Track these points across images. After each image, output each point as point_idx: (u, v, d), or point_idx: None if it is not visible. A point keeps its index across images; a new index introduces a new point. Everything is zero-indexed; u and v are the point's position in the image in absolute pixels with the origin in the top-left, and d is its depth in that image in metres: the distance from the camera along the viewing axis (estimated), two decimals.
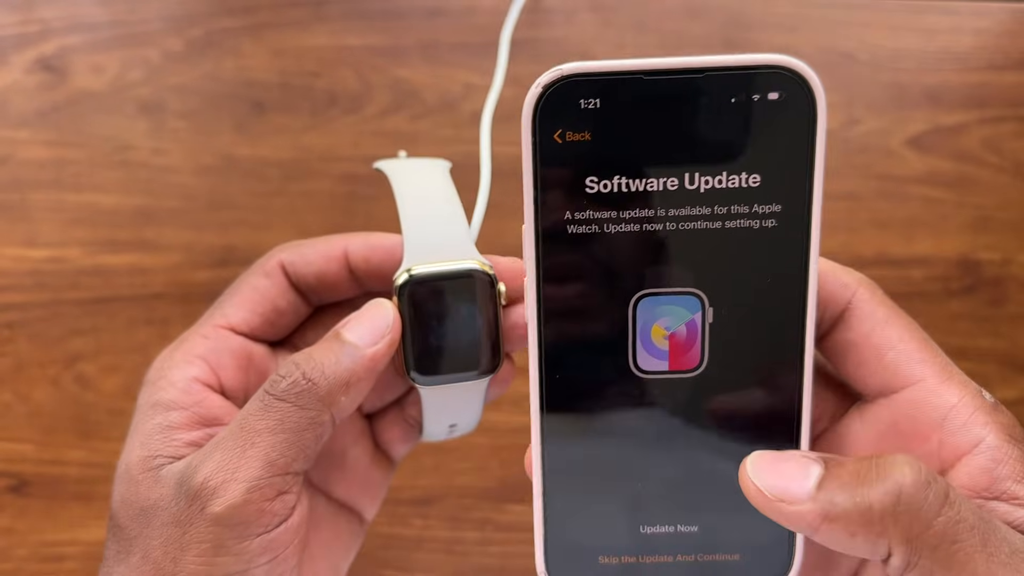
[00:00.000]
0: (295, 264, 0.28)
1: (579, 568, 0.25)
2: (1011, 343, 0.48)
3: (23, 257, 0.47)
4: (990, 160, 0.48)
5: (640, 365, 0.24)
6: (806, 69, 0.22)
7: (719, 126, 0.22)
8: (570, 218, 0.23)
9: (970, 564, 0.20)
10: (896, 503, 0.20)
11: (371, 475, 0.31)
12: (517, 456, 0.48)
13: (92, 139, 0.47)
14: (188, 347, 0.28)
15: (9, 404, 0.48)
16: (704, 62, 0.21)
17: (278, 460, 0.24)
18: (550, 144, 0.23)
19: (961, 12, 0.48)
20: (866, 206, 0.47)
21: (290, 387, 0.25)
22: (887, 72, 0.48)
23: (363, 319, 0.26)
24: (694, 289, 0.23)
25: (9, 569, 0.48)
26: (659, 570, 0.25)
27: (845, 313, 0.25)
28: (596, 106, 0.22)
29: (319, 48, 0.47)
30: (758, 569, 0.25)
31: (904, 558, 0.20)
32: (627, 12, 0.48)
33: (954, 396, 0.23)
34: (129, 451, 0.26)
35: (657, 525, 0.25)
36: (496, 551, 0.48)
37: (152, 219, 0.47)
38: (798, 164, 0.22)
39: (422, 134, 0.47)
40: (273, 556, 0.25)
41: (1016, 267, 0.48)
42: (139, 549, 0.25)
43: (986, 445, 0.22)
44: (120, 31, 0.47)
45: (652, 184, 0.22)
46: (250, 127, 0.47)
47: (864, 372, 0.24)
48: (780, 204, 0.22)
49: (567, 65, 0.22)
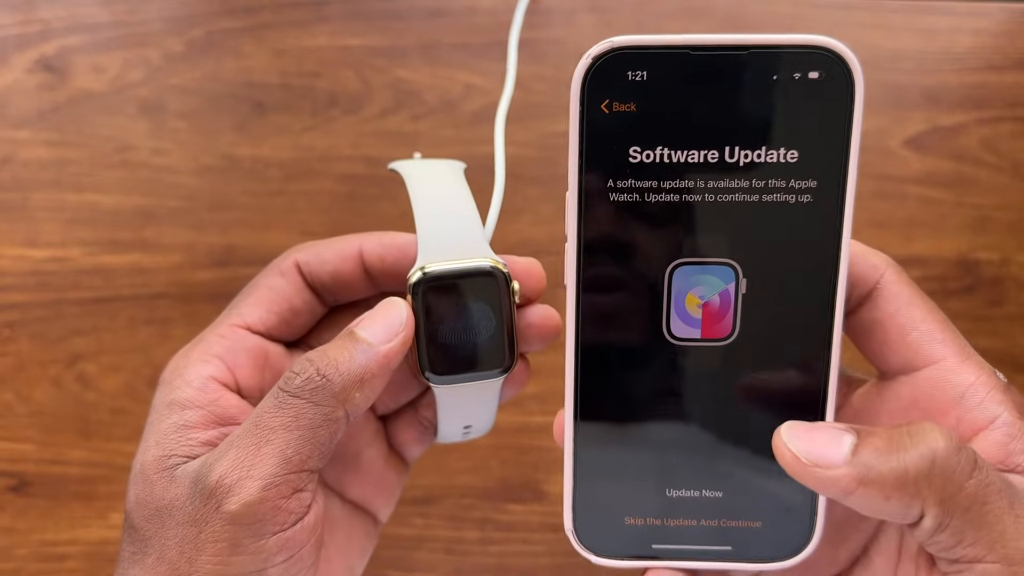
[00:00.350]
0: (310, 264, 0.28)
1: (605, 528, 0.26)
2: (1010, 343, 0.48)
3: (24, 257, 0.47)
4: (989, 160, 0.48)
5: (673, 332, 0.25)
6: (846, 51, 0.22)
7: (760, 102, 0.23)
8: (612, 186, 0.24)
9: (999, 524, 0.21)
10: (931, 467, 0.21)
11: (385, 476, 0.31)
12: (517, 456, 0.48)
13: (93, 139, 0.47)
14: (205, 346, 0.28)
15: (10, 404, 0.48)
16: (749, 40, 0.22)
17: (293, 457, 0.24)
18: (597, 113, 0.23)
19: (960, 13, 0.48)
20: (865, 206, 0.47)
21: (304, 383, 0.25)
22: (886, 72, 0.48)
23: (377, 317, 0.26)
24: (729, 260, 0.24)
25: (10, 569, 0.48)
26: (682, 533, 0.26)
27: (872, 293, 0.25)
28: (643, 78, 0.23)
29: (320, 48, 0.48)
30: (779, 538, 0.26)
31: (937, 519, 0.21)
32: (626, 13, 0.48)
33: (972, 375, 0.24)
34: (144, 451, 0.26)
35: (682, 489, 0.26)
36: (496, 550, 0.48)
37: (153, 219, 0.47)
38: (835, 142, 0.23)
39: (422, 134, 0.48)
40: (289, 555, 0.25)
41: (1015, 267, 0.48)
42: (154, 550, 0.25)
43: (1002, 421, 0.24)
44: (121, 31, 0.47)
45: (693, 156, 0.23)
46: (251, 127, 0.48)
47: (887, 350, 0.25)
48: (816, 180, 0.23)
49: (617, 38, 0.22)
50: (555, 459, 0.47)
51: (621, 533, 0.26)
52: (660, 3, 0.48)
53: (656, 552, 0.26)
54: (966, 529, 0.21)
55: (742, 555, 0.26)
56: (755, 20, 0.48)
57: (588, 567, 0.27)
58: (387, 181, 0.48)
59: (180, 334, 0.48)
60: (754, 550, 0.26)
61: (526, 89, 0.47)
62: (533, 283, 0.28)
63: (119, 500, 0.48)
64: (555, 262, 0.47)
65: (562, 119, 0.47)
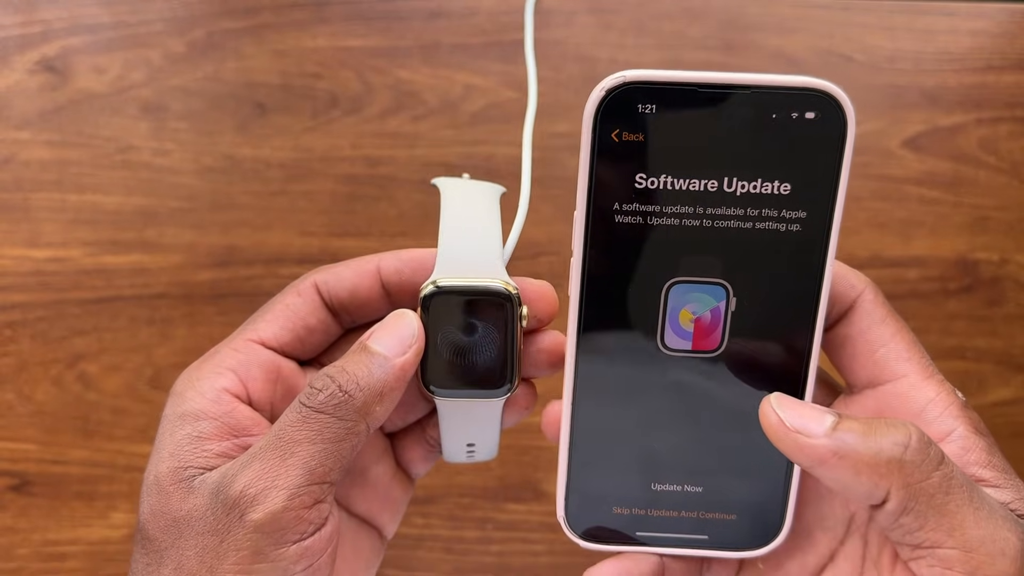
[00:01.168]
0: (328, 283, 0.29)
1: (594, 516, 0.29)
2: (1008, 342, 0.48)
3: (25, 257, 0.48)
4: (987, 161, 0.48)
5: (667, 343, 0.27)
6: (841, 94, 0.24)
7: (759, 138, 0.24)
8: (618, 208, 0.25)
9: (959, 513, 0.23)
10: (902, 453, 0.23)
11: (391, 492, 0.31)
12: (517, 456, 0.49)
13: (94, 140, 0.48)
14: (218, 359, 0.28)
15: (11, 403, 0.48)
16: (752, 80, 0.24)
17: (317, 469, 0.25)
18: (607, 141, 0.25)
19: (959, 13, 0.48)
20: (864, 207, 0.48)
21: (328, 399, 0.25)
22: (885, 73, 0.48)
23: (388, 329, 0.27)
24: (721, 280, 0.26)
25: (11, 568, 0.48)
26: (664, 523, 0.28)
27: (849, 311, 0.27)
28: (652, 111, 0.24)
29: (320, 49, 0.48)
30: (751, 529, 0.28)
31: (901, 503, 0.23)
32: (626, 14, 0.48)
33: (932, 392, 0.26)
34: (158, 462, 0.26)
35: (667, 484, 0.28)
36: (496, 550, 0.48)
37: (154, 219, 0.48)
38: (825, 177, 0.25)
39: (423, 135, 0.48)
40: (309, 563, 0.25)
41: (1013, 267, 0.48)
42: (171, 560, 0.25)
43: (957, 435, 0.26)
44: (122, 32, 0.47)
45: (694, 184, 0.25)
46: (251, 128, 0.48)
47: (856, 364, 0.27)
48: (805, 211, 0.25)
49: (630, 72, 0.24)
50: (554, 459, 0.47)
51: (609, 521, 0.28)
52: (660, 4, 0.48)
53: (640, 539, 0.29)
54: (929, 514, 0.23)
55: (717, 544, 0.28)
56: (754, 21, 0.48)
57: (586, 566, 0.28)
58: (387, 182, 0.48)
59: (181, 334, 0.48)
60: (728, 540, 0.28)
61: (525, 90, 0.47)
62: (544, 306, 0.28)
63: (120, 500, 0.48)
64: (554, 262, 0.47)
65: (562, 119, 0.47)
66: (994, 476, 0.25)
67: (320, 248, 0.48)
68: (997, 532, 0.23)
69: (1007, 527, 0.23)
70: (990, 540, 0.23)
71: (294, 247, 0.48)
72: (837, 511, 0.28)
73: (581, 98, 0.24)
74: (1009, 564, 0.23)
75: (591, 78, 0.27)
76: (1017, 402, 0.48)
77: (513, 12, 0.48)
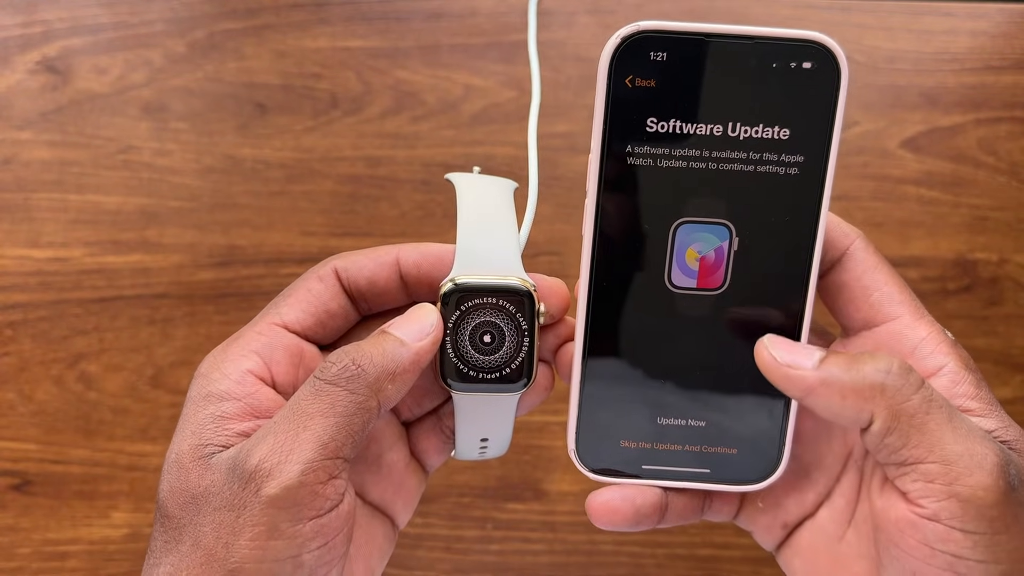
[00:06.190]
0: (348, 270, 0.30)
1: (603, 449, 0.30)
2: (1007, 342, 0.48)
3: (26, 257, 0.48)
4: (986, 161, 0.48)
5: (673, 281, 0.28)
6: (835, 46, 0.26)
7: (760, 85, 0.26)
8: (630, 151, 0.27)
9: (939, 431, 0.25)
10: (884, 378, 0.25)
11: (405, 480, 0.31)
12: (517, 455, 0.49)
13: (95, 140, 0.48)
14: (243, 342, 0.28)
15: (12, 403, 0.48)
16: (755, 31, 0.26)
17: (330, 443, 0.25)
18: (621, 87, 0.26)
19: (958, 14, 0.48)
20: (863, 207, 0.48)
21: (341, 372, 0.26)
22: (884, 73, 0.48)
23: (408, 319, 0.28)
24: (725, 220, 0.27)
25: (12, 567, 0.48)
26: (669, 456, 0.30)
27: (843, 257, 0.29)
28: (663, 59, 0.26)
29: (321, 50, 0.48)
30: (751, 463, 0.30)
31: (885, 423, 0.25)
32: (626, 15, 0.48)
33: (924, 331, 0.28)
34: (180, 441, 0.27)
35: (671, 418, 0.29)
36: (496, 549, 0.48)
37: (155, 219, 0.48)
38: (821, 124, 0.26)
39: (423, 135, 0.48)
40: (324, 541, 0.25)
41: (1012, 267, 0.48)
42: (189, 536, 0.25)
43: (948, 369, 0.27)
44: (123, 33, 0.48)
45: (701, 128, 0.26)
46: (252, 128, 0.48)
47: (852, 308, 0.29)
48: (803, 156, 0.27)
49: (644, 22, 0.26)
50: (554, 458, 0.48)
51: (616, 454, 0.30)
52: (660, 4, 0.48)
53: (645, 472, 0.30)
54: (911, 433, 0.25)
55: (718, 477, 0.30)
56: (754, 22, 0.48)
57: (585, 565, 0.28)
58: (387, 182, 0.48)
59: (182, 334, 0.48)
60: (729, 474, 0.30)
61: (525, 90, 0.47)
62: (557, 302, 0.29)
63: (121, 499, 0.48)
64: (553, 262, 0.48)
65: (562, 120, 0.48)
66: (980, 407, 0.27)
67: (320, 248, 0.48)
68: (975, 447, 0.25)
69: (984, 444, 0.25)
70: (968, 455, 0.25)
71: (295, 247, 0.48)
72: (835, 449, 0.30)
73: (581, 98, 0.25)
74: (986, 476, 0.24)
75: (591, 78, 0.27)
76: (1016, 402, 0.48)
77: (513, 12, 0.48)
